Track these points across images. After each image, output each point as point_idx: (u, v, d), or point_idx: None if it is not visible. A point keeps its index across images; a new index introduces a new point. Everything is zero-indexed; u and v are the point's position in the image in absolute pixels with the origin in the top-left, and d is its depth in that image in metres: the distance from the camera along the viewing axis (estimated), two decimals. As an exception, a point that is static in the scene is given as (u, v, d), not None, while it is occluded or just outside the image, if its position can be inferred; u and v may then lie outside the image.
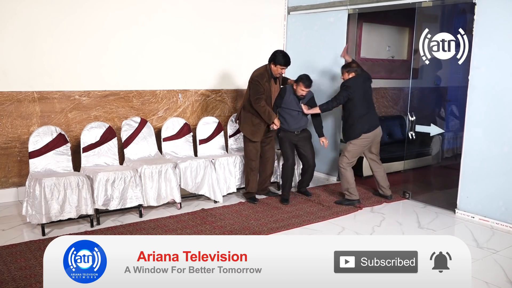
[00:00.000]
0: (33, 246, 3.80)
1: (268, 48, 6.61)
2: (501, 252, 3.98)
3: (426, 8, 5.17)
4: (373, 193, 5.56)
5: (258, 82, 4.92)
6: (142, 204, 4.57)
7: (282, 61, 4.89)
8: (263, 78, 4.95)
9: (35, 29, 4.81)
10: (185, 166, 4.91)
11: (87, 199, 4.22)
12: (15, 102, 4.82)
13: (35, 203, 4.06)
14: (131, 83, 5.49)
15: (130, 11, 5.38)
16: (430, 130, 5.43)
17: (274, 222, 4.55)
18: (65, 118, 5.09)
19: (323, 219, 4.70)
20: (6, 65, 4.73)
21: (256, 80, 4.94)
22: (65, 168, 4.58)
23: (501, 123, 4.51)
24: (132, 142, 5.10)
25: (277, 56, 4.91)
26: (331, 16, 6.15)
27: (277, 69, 4.92)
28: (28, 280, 3.20)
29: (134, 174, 4.50)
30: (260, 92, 4.90)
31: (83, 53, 5.12)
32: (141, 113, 5.55)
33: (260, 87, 4.91)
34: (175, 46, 5.76)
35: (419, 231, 4.46)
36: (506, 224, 4.53)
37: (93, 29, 5.15)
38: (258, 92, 4.90)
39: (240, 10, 6.29)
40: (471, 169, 4.78)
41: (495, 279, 3.45)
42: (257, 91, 4.90)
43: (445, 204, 5.18)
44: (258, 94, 4.90)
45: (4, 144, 4.82)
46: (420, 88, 6.22)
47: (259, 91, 4.90)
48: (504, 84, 4.47)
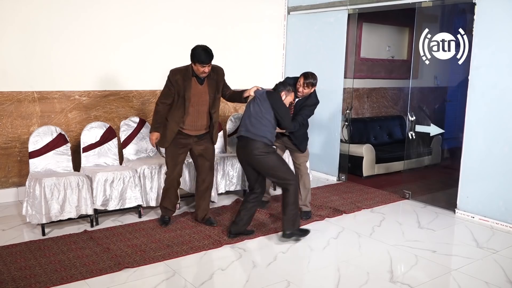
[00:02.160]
0: (33, 246, 3.80)
1: (268, 48, 6.65)
2: (501, 252, 3.98)
3: (426, 8, 5.17)
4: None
5: (168, 78, 4.13)
6: (141, 204, 4.57)
7: (201, 58, 3.97)
8: (177, 74, 4.12)
9: (35, 29, 4.82)
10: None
11: (87, 199, 4.22)
12: (15, 102, 4.82)
13: (35, 203, 4.06)
14: (131, 83, 5.50)
15: (130, 11, 5.38)
16: (430, 130, 5.43)
17: (271, 222, 4.55)
18: (65, 118, 5.09)
19: (320, 218, 4.70)
20: (6, 65, 4.73)
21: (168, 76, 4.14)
22: (65, 168, 4.58)
23: (501, 123, 4.51)
24: (131, 142, 5.09)
25: (195, 53, 4.01)
26: (331, 16, 6.15)
27: (197, 68, 4.03)
28: (28, 280, 3.20)
29: (133, 174, 4.50)
30: (164, 91, 4.14)
31: (83, 53, 5.12)
32: (141, 113, 5.55)
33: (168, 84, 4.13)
34: (175, 45, 5.75)
35: (419, 231, 4.46)
36: (506, 224, 4.52)
37: (93, 29, 5.15)
38: (163, 90, 4.17)
39: (240, 10, 6.29)
40: (471, 169, 4.77)
41: (495, 279, 3.45)
42: (163, 89, 4.17)
43: (445, 204, 5.18)
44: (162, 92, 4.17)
45: (4, 144, 4.82)
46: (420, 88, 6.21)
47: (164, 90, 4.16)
48: (504, 84, 4.47)
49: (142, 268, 3.47)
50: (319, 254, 3.88)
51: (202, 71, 4.02)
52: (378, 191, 5.79)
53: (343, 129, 6.30)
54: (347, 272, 3.53)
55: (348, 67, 6.16)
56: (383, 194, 5.69)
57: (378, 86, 7.55)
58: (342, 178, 6.30)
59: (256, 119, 4.00)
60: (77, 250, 3.72)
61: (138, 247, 3.84)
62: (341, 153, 6.25)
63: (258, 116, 3.99)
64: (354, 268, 3.60)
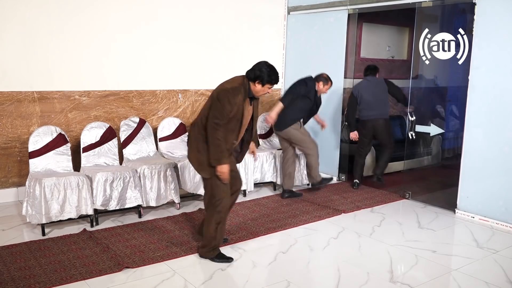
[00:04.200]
0: (33, 246, 3.79)
1: (268, 48, 6.65)
2: (501, 252, 3.98)
3: (426, 8, 5.17)
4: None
5: (226, 101, 3.38)
6: (141, 204, 4.56)
7: (272, 78, 3.49)
8: (237, 95, 3.43)
9: (35, 29, 4.82)
10: (183, 165, 4.91)
11: (87, 199, 4.22)
12: (15, 102, 4.82)
13: (35, 203, 4.06)
14: (131, 83, 5.50)
15: (130, 12, 5.38)
16: (430, 130, 5.43)
17: (271, 222, 4.55)
18: (65, 118, 5.09)
19: (319, 218, 4.70)
20: (6, 65, 4.73)
21: (225, 97, 3.39)
22: (65, 168, 4.58)
23: (501, 123, 4.51)
24: (131, 142, 5.10)
25: (264, 72, 3.46)
26: (331, 16, 6.15)
27: (264, 89, 3.50)
28: (28, 280, 3.19)
29: (133, 174, 4.50)
30: (223, 115, 3.39)
31: (83, 53, 5.12)
32: (141, 113, 5.55)
33: (227, 108, 3.39)
34: (175, 46, 5.76)
35: (419, 231, 4.46)
36: (506, 224, 4.52)
37: (93, 29, 5.15)
38: (221, 114, 3.39)
39: (240, 10, 6.29)
40: (471, 169, 4.77)
41: (495, 279, 3.45)
42: (220, 112, 3.39)
43: (445, 204, 5.18)
44: (221, 117, 3.39)
45: (4, 144, 4.82)
46: (420, 88, 6.21)
47: (222, 113, 3.39)
48: (504, 84, 4.46)
49: (142, 268, 3.47)
50: (319, 254, 3.88)
51: (266, 92, 3.55)
52: (378, 191, 5.79)
53: (343, 129, 6.30)
54: (347, 272, 3.53)
55: (348, 67, 6.16)
56: (383, 194, 5.69)
57: (378, 86, 7.53)
58: (342, 178, 6.30)
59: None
60: (77, 251, 3.72)
61: (138, 247, 3.84)
62: (341, 153, 6.25)
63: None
64: (354, 268, 3.59)
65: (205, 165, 3.52)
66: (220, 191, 3.55)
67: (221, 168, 3.43)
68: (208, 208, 3.68)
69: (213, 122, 3.38)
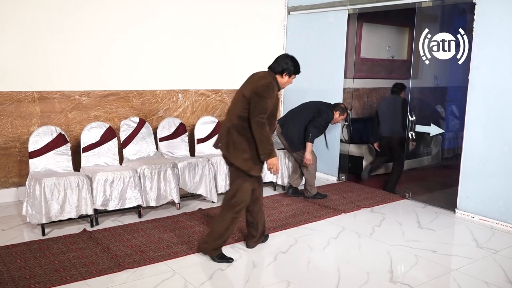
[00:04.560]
0: (33, 246, 3.79)
1: (268, 48, 6.65)
2: (501, 252, 3.98)
3: (426, 8, 5.17)
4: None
5: (268, 96, 3.48)
6: (141, 204, 4.56)
7: (298, 69, 3.70)
8: (274, 89, 3.55)
9: (35, 29, 4.82)
10: (183, 165, 4.91)
11: (87, 199, 4.22)
12: (15, 102, 4.82)
13: (35, 203, 4.06)
14: (131, 83, 5.50)
15: (130, 12, 5.38)
16: (430, 130, 5.43)
17: (271, 222, 4.55)
18: (65, 118, 5.09)
19: (319, 218, 4.70)
20: (6, 65, 4.73)
21: (266, 92, 3.47)
22: (65, 168, 4.58)
23: (501, 123, 4.51)
24: (131, 142, 5.10)
25: (290, 64, 3.62)
26: (331, 16, 6.15)
27: (290, 80, 3.69)
28: (28, 280, 3.19)
29: (133, 174, 4.50)
30: (266, 110, 3.48)
31: (83, 53, 5.12)
32: (141, 113, 5.55)
33: (269, 103, 3.49)
34: (175, 46, 5.76)
35: (419, 231, 4.46)
36: (506, 224, 4.52)
37: (93, 29, 5.15)
38: (265, 109, 3.46)
39: (240, 10, 6.29)
40: (471, 169, 4.77)
41: (495, 279, 3.45)
42: (264, 108, 3.46)
43: (445, 204, 5.18)
44: (264, 112, 3.46)
45: (4, 144, 4.82)
46: (420, 88, 6.22)
47: (266, 108, 3.47)
48: (504, 84, 4.46)
49: (142, 268, 3.47)
50: (319, 254, 3.88)
51: (290, 83, 3.74)
52: (378, 191, 5.79)
53: (343, 129, 6.31)
54: (347, 272, 3.53)
55: (348, 67, 6.16)
56: (383, 194, 5.69)
57: (378, 86, 7.54)
58: (342, 178, 6.30)
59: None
60: (77, 251, 3.72)
61: (138, 247, 3.84)
62: (341, 153, 6.25)
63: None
64: (354, 268, 3.59)
65: (251, 163, 3.54)
66: (244, 194, 3.59)
67: (272, 161, 3.50)
68: (226, 206, 3.65)
69: (259, 118, 3.41)
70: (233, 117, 3.54)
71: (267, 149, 3.46)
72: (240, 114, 3.49)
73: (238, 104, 3.53)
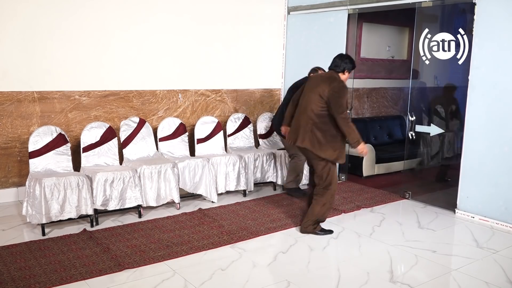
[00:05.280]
0: (33, 246, 3.79)
1: (268, 48, 6.65)
2: (501, 252, 3.98)
3: (426, 8, 5.17)
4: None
5: (344, 94, 4.01)
6: (141, 204, 4.56)
7: (354, 64, 4.30)
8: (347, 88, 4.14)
9: (35, 29, 4.82)
10: (183, 165, 4.91)
11: (87, 199, 4.22)
12: (15, 102, 4.82)
13: (35, 203, 4.06)
14: (131, 83, 5.49)
15: (130, 12, 5.38)
16: (430, 130, 5.43)
17: (271, 222, 4.55)
18: (65, 118, 5.09)
19: (322, 219, 4.70)
20: (6, 65, 4.73)
21: (342, 91, 4.01)
22: (65, 168, 4.58)
23: (501, 123, 4.51)
24: (131, 142, 5.10)
25: (348, 62, 4.21)
26: (331, 16, 6.15)
27: (348, 75, 4.27)
28: (28, 280, 3.19)
29: (133, 174, 4.50)
30: (346, 106, 4.03)
31: (83, 53, 5.12)
32: (141, 113, 5.55)
33: (346, 100, 4.04)
34: (175, 46, 5.76)
35: (419, 231, 4.46)
36: (506, 224, 4.52)
37: (93, 29, 5.15)
38: (345, 106, 4.00)
39: (240, 10, 6.29)
40: (471, 169, 4.77)
41: (495, 279, 3.45)
42: (344, 105, 3.99)
43: (445, 204, 5.18)
44: (345, 108, 4.00)
45: (4, 144, 4.82)
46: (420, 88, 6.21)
47: (345, 105, 4.01)
48: (504, 84, 4.46)
49: (142, 268, 3.47)
50: (319, 254, 3.88)
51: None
52: (378, 191, 5.79)
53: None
54: (347, 272, 3.53)
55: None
56: (383, 194, 5.69)
57: (378, 86, 7.55)
58: (342, 178, 6.30)
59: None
60: (77, 251, 3.72)
61: (138, 247, 3.84)
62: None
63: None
64: (354, 268, 3.59)
65: (338, 153, 4.07)
66: (335, 177, 4.21)
67: (362, 146, 4.03)
68: (321, 191, 4.19)
69: (343, 115, 3.95)
70: (312, 115, 4.05)
71: (356, 138, 3.99)
72: (319, 113, 4.03)
73: (316, 104, 4.04)
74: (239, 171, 5.34)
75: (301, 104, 4.22)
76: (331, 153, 4.04)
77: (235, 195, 5.47)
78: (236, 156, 5.36)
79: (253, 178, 5.52)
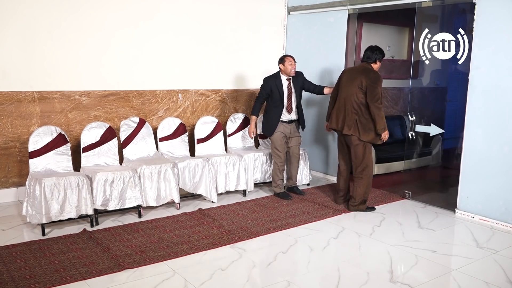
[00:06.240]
0: (33, 246, 3.80)
1: (268, 48, 6.65)
2: (501, 252, 3.98)
3: (426, 8, 5.17)
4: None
5: (379, 84, 4.62)
6: (141, 204, 4.57)
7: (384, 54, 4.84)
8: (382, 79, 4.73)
9: (35, 29, 4.82)
10: (183, 165, 4.91)
11: (87, 199, 4.22)
12: (15, 102, 4.82)
13: (35, 203, 4.06)
14: (131, 83, 5.50)
15: (130, 12, 5.38)
16: (430, 130, 5.43)
17: (271, 222, 4.55)
18: (65, 118, 5.09)
19: (319, 218, 4.70)
20: (6, 65, 4.73)
21: (378, 82, 4.61)
22: (65, 168, 4.58)
23: (501, 123, 4.51)
24: (131, 142, 5.10)
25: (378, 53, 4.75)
26: (331, 16, 6.15)
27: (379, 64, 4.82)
28: (28, 280, 3.20)
29: (133, 174, 4.50)
30: (380, 95, 4.61)
31: (83, 53, 5.12)
32: (141, 113, 5.55)
33: (380, 89, 4.63)
34: (175, 46, 5.76)
35: (419, 231, 4.46)
36: (506, 224, 4.52)
37: (93, 30, 5.15)
38: (380, 96, 4.60)
39: (240, 10, 6.29)
40: (471, 169, 4.77)
41: (495, 279, 3.45)
42: (379, 94, 4.59)
43: (445, 204, 5.18)
44: (380, 97, 4.60)
45: (4, 144, 4.82)
46: (420, 88, 6.21)
47: (380, 94, 4.60)
48: (504, 84, 4.46)
49: (142, 268, 3.47)
50: (319, 254, 3.88)
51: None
52: (378, 191, 5.79)
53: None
54: (347, 272, 3.53)
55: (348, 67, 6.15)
56: (383, 194, 5.69)
57: (378, 86, 7.53)
58: (342, 178, 6.30)
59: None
60: (77, 251, 3.72)
61: (138, 247, 3.84)
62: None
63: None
64: (354, 268, 3.60)
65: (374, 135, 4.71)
66: (371, 159, 4.86)
67: (387, 132, 4.72)
68: (359, 175, 4.84)
69: (377, 104, 4.57)
70: (355, 106, 4.68)
71: (384, 125, 4.64)
72: (361, 102, 4.65)
73: (357, 95, 4.66)
74: (239, 171, 5.34)
75: (340, 97, 4.82)
76: (372, 137, 4.70)
77: (235, 195, 5.47)
78: (236, 156, 5.36)
79: (253, 178, 5.52)
